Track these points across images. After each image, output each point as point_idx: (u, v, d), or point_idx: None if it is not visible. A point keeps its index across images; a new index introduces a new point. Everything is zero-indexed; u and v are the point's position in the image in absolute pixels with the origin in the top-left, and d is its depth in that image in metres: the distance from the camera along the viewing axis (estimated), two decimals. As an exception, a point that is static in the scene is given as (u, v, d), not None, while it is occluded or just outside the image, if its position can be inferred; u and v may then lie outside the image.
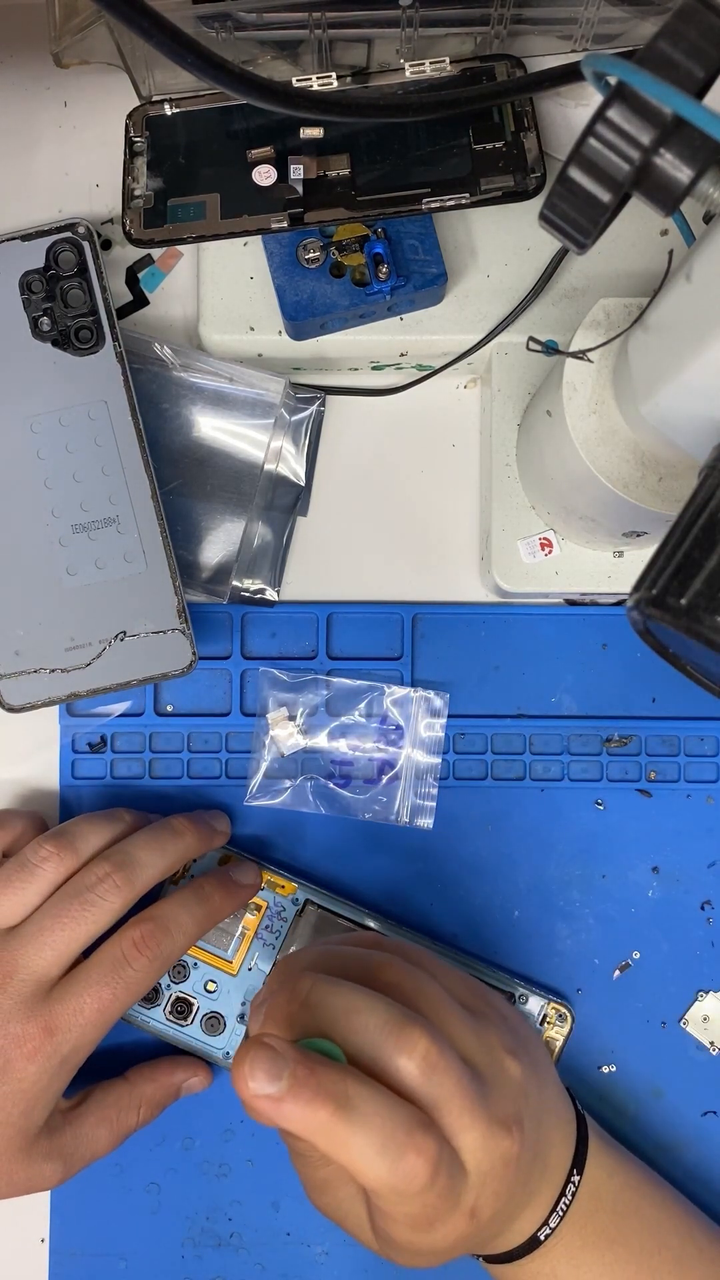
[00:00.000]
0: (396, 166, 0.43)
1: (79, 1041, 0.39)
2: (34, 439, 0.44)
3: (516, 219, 0.46)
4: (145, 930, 0.40)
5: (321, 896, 0.45)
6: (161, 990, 0.45)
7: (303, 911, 0.45)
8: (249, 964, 0.45)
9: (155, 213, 0.44)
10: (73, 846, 0.41)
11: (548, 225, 0.28)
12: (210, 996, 0.45)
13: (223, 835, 0.45)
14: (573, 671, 0.48)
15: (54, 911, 0.39)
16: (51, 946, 0.39)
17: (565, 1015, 0.45)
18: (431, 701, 0.47)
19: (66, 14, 0.42)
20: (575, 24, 0.42)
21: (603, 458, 0.37)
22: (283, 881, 0.45)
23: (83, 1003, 0.39)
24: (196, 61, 0.34)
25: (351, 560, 0.49)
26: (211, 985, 0.45)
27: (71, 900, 0.39)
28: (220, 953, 0.45)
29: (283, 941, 0.45)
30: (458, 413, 0.49)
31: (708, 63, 0.25)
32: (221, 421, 0.46)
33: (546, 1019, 0.45)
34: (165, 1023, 0.45)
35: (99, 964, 0.39)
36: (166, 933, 0.40)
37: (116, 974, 0.39)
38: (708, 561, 0.27)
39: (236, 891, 0.44)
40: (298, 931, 0.45)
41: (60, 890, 0.40)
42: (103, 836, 0.42)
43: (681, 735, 0.47)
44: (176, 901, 0.42)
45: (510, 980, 0.45)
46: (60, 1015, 0.38)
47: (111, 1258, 0.46)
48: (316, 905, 0.45)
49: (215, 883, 0.43)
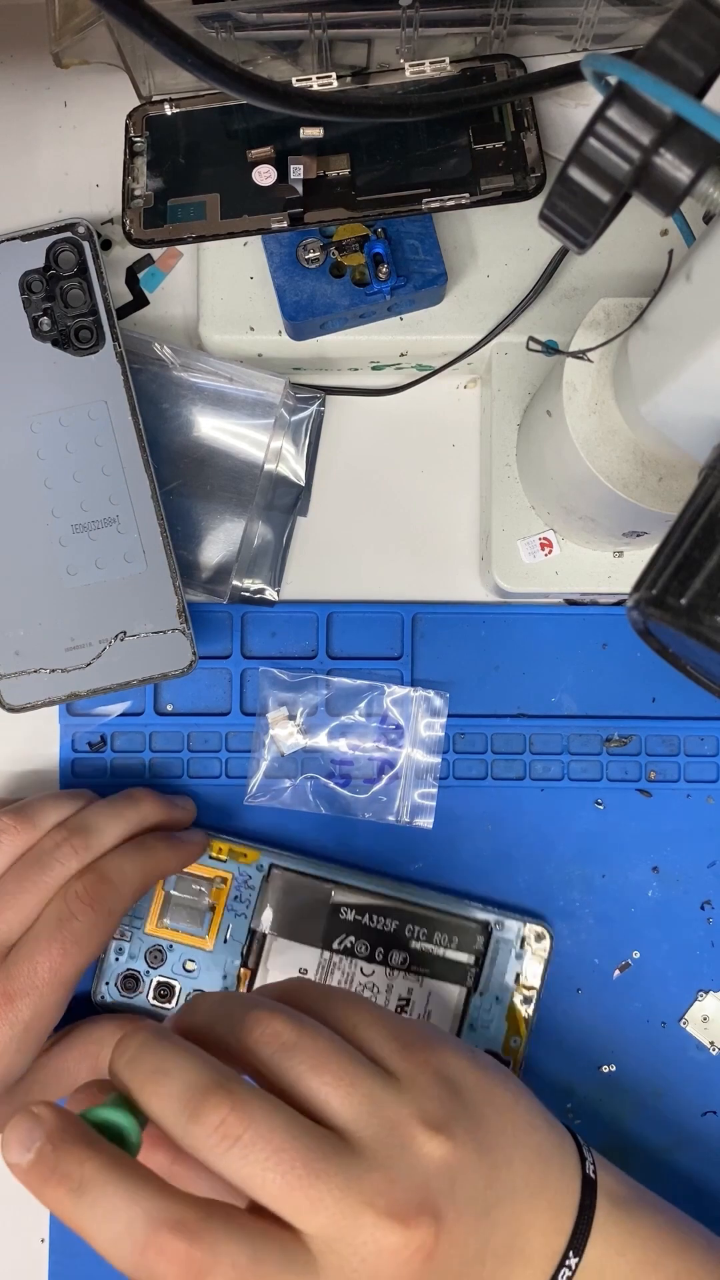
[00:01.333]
0: (396, 166, 0.43)
1: (39, 1006, 0.38)
2: (34, 439, 0.44)
3: (516, 219, 0.46)
4: (87, 882, 0.40)
5: (284, 858, 0.45)
6: (142, 978, 0.45)
7: (269, 877, 0.45)
8: (224, 936, 0.45)
9: (155, 213, 0.44)
10: (30, 820, 0.41)
11: (548, 225, 0.28)
12: (190, 976, 0.45)
13: (184, 811, 0.45)
14: (573, 671, 0.48)
15: (13, 878, 0.40)
16: (11, 910, 0.39)
17: (544, 934, 0.45)
18: (431, 701, 0.47)
19: (66, 14, 0.42)
20: (575, 24, 0.42)
21: (603, 458, 0.37)
22: (245, 850, 0.45)
23: (35, 964, 0.38)
24: (196, 61, 0.34)
25: (351, 560, 0.49)
26: (190, 964, 0.45)
27: (30, 866, 0.40)
28: (194, 930, 0.45)
29: (253, 910, 0.45)
30: (458, 413, 0.49)
31: (708, 63, 0.25)
32: (221, 421, 0.46)
33: (525, 942, 0.45)
34: (151, 1007, 0.45)
35: (44, 922, 0.39)
36: (109, 883, 0.40)
37: (62, 929, 0.39)
38: (708, 561, 0.27)
39: (181, 846, 0.43)
40: (268, 897, 0.45)
41: (20, 860, 0.41)
42: (62, 812, 0.42)
43: (681, 735, 0.47)
44: (119, 853, 0.41)
45: (484, 907, 0.45)
46: (15, 979, 0.38)
47: (111, 1258, 0.46)
48: (282, 868, 0.45)
49: (158, 836, 0.43)
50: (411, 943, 0.45)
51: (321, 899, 0.45)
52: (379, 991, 0.45)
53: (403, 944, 0.45)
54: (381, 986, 0.45)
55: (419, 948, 0.45)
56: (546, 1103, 0.37)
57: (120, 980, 0.45)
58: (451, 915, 0.45)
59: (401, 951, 0.45)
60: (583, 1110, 0.46)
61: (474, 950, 0.45)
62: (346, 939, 0.45)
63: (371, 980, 0.45)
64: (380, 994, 0.45)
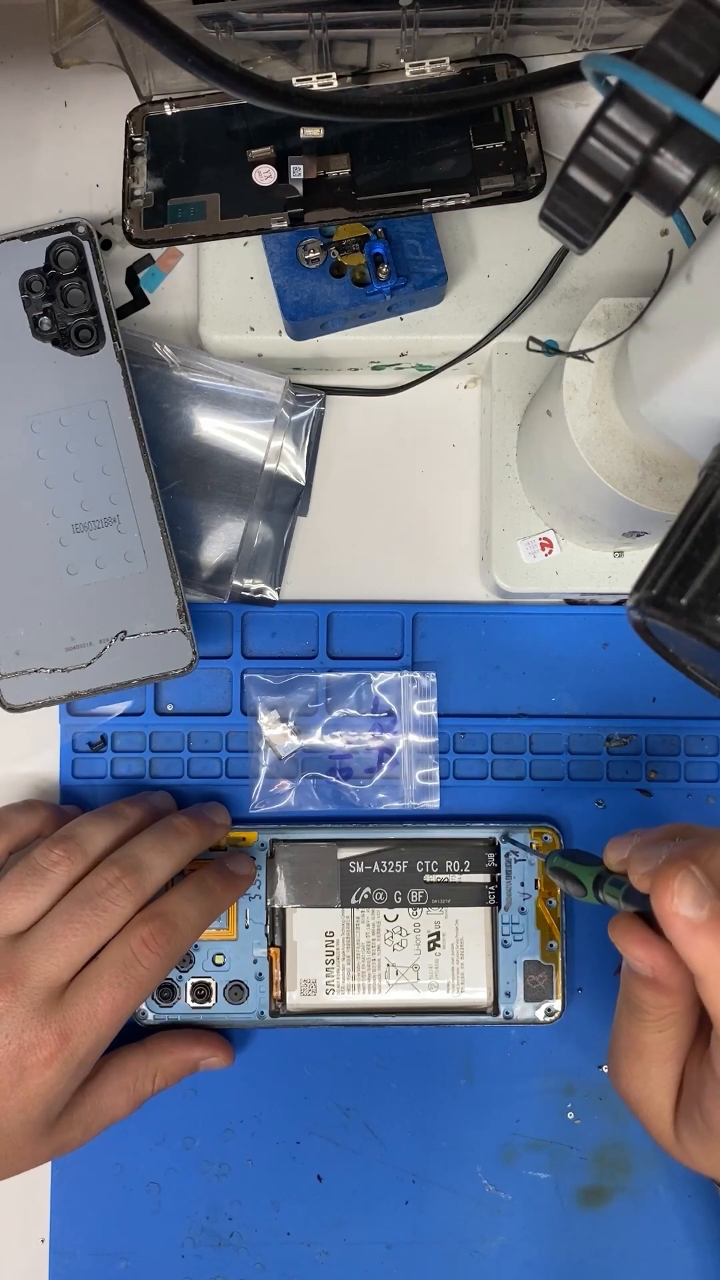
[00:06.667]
0: (396, 166, 0.43)
1: (94, 1044, 0.39)
2: (34, 439, 0.44)
3: (516, 219, 0.46)
4: (153, 928, 0.40)
5: (283, 831, 0.46)
6: (176, 985, 0.45)
7: (273, 854, 0.46)
8: (244, 923, 0.45)
9: (155, 213, 0.44)
10: (81, 849, 0.41)
11: (548, 225, 0.28)
12: (222, 970, 0.45)
13: (223, 828, 0.45)
14: (573, 671, 0.48)
15: (65, 917, 0.39)
16: (64, 953, 0.39)
17: (551, 836, 0.46)
18: (419, 682, 0.47)
19: (66, 14, 0.42)
20: (575, 24, 0.42)
21: (603, 458, 0.37)
22: (242, 834, 0.46)
23: (95, 1006, 0.39)
24: (196, 61, 0.34)
25: (351, 560, 0.49)
26: (219, 958, 0.45)
27: (83, 905, 0.39)
28: (215, 925, 0.45)
29: (265, 889, 0.45)
30: (458, 413, 0.49)
31: (708, 62, 0.25)
32: (222, 421, 0.46)
33: (534, 847, 0.46)
34: (191, 1010, 0.45)
35: (109, 965, 0.39)
36: (174, 928, 0.40)
37: (126, 973, 0.39)
38: (708, 561, 0.27)
39: (235, 882, 0.44)
40: (277, 873, 0.46)
41: (70, 894, 0.40)
42: (108, 835, 0.42)
43: (681, 735, 0.47)
44: (181, 896, 0.42)
45: (487, 824, 0.46)
46: (74, 1020, 0.39)
47: (111, 1258, 0.46)
48: (284, 841, 0.46)
49: (216, 875, 0.44)
50: (425, 877, 0.46)
51: (329, 860, 0.46)
52: (407, 933, 0.45)
53: (417, 881, 0.46)
54: (409, 928, 0.45)
55: (434, 880, 0.46)
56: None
57: (156, 993, 0.45)
58: (457, 840, 0.46)
59: (419, 889, 0.46)
60: (582, 1110, 0.46)
61: (487, 868, 0.46)
62: (363, 891, 0.45)
63: (397, 924, 0.45)
64: (409, 934, 0.45)
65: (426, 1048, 0.47)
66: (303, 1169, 0.46)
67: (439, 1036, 0.47)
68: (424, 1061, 0.47)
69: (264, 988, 0.45)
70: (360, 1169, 0.46)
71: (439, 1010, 0.45)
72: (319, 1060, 0.47)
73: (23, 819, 0.44)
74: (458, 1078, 0.47)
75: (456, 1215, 0.46)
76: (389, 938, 0.46)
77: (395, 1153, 0.46)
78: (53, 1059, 0.38)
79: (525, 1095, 0.46)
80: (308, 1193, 0.46)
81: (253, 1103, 0.46)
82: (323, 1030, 0.46)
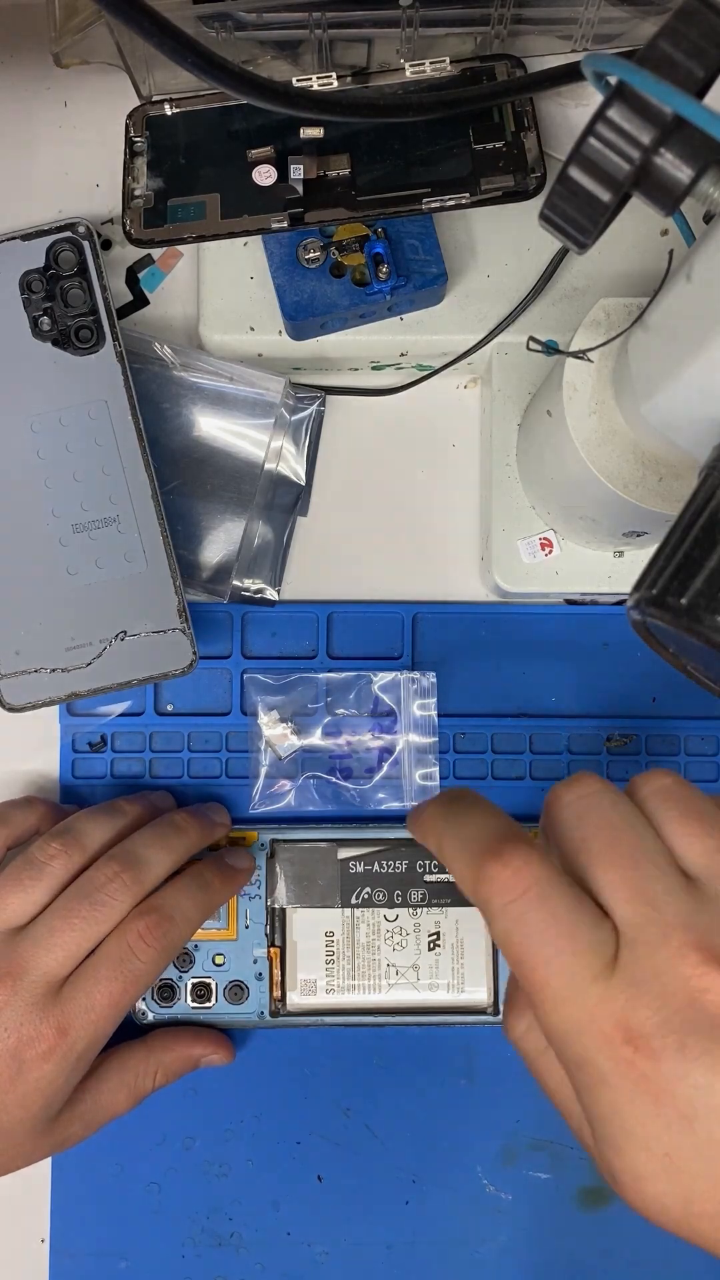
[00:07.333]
0: (396, 166, 0.43)
1: (92, 1038, 0.39)
2: (34, 439, 0.44)
3: (516, 219, 0.46)
4: (150, 922, 0.40)
5: (283, 831, 0.46)
6: (176, 984, 0.45)
7: (273, 854, 0.46)
8: (244, 923, 0.45)
9: (155, 213, 0.44)
10: (80, 843, 0.41)
11: (548, 225, 0.28)
12: (222, 970, 0.45)
13: (223, 827, 0.45)
14: (573, 671, 0.48)
15: (63, 912, 0.39)
16: (62, 947, 0.39)
17: None
18: (419, 681, 0.47)
19: (66, 14, 0.42)
20: (575, 24, 0.42)
21: (603, 458, 0.37)
22: (242, 833, 0.46)
23: (93, 1000, 0.39)
24: (196, 61, 0.34)
25: (351, 560, 0.49)
26: (219, 958, 0.45)
27: (81, 900, 0.40)
28: (213, 924, 0.45)
29: (265, 889, 0.45)
30: (458, 413, 0.49)
31: (708, 62, 0.25)
32: (222, 421, 0.46)
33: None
34: (191, 1010, 0.45)
35: (106, 959, 0.39)
36: (171, 922, 0.40)
37: (124, 967, 0.39)
38: (708, 561, 0.27)
39: (234, 876, 0.44)
40: (277, 873, 0.46)
41: (69, 889, 0.40)
42: (106, 831, 0.42)
43: (681, 735, 0.47)
44: (178, 889, 0.42)
45: None
46: (72, 1014, 0.39)
47: (111, 1258, 0.46)
48: (284, 841, 0.46)
49: (214, 869, 0.44)
50: (425, 877, 0.46)
51: (329, 860, 0.46)
52: (407, 933, 0.45)
53: (417, 881, 0.46)
54: (409, 928, 0.45)
55: (434, 880, 0.46)
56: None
57: (155, 993, 0.45)
58: None
59: (419, 889, 0.46)
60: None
61: None
62: (363, 891, 0.45)
63: (397, 924, 0.45)
64: (409, 934, 0.45)
65: (427, 1048, 0.47)
66: (303, 1169, 0.46)
67: (439, 1036, 0.47)
68: (424, 1062, 0.47)
69: (264, 988, 0.45)
70: (360, 1169, 0.46)
71: (439, 1010, 0.45)
72: (319, 1060, 0.47)
73: (21, 815, 0.44)
74: (458, 1078, 0.47)
75: (457, 1215, 0.46)
76: (389, 938, 0.46)
77: (395, 1153, 0.46)
78: (51, 1053, 0.38)
79: (526, 1095, 0.46)
80: (308, 1193, 0.46)
81: (253, 1103, 0.46)
82: (323, 1030, 0.46)
